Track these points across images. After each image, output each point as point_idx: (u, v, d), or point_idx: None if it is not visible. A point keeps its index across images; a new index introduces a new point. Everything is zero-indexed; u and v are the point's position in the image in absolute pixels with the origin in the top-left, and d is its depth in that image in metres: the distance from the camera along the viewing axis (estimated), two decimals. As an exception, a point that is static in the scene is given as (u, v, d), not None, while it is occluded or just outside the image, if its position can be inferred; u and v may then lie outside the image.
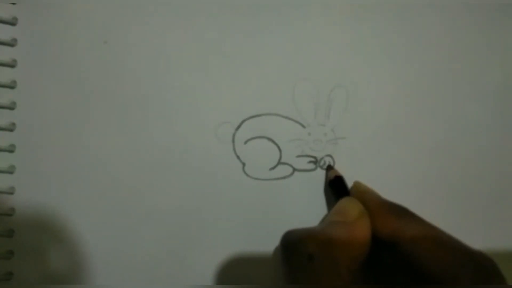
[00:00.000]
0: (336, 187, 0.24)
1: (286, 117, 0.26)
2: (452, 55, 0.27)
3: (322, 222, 0.24)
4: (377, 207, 0.20)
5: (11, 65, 0.24)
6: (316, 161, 0.26)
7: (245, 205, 0.26)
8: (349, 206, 0.21)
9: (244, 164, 0.26)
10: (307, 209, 0.26)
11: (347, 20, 0.26)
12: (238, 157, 0.25)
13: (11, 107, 0.24)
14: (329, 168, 0.26)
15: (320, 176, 0.26)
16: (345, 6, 0.26)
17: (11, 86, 0.24)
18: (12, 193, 0.24)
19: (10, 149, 0.24)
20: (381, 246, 0.20)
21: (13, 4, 0.24)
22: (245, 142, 0.25)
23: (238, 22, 0.25)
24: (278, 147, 0.26)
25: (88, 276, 0.25)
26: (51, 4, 0.24)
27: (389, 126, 0.27)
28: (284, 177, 0.26)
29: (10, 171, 0.24)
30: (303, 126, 0.26)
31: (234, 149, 0.25)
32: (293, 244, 0.18)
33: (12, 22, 0.24)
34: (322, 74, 0.26)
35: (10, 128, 0.24)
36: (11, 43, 0.24)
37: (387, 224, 0.19)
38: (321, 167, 0.26)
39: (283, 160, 0.26)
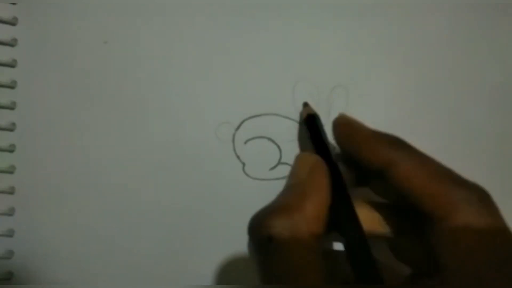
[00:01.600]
0: (309, 129, 0.22)
1: (286, 117, 0.26)
2: (452, 55, 0.27)
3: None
4: (365, 137, 0.19)
5: (11, 65, 0.24)
6: (316, 161, 0.26)
7: (245, 205, 0.25)
8: (299, 165, 0.19)
9: (244, 164, 0.26)
10: (307, 209, 0.26)
11: (347, 20, 0.26)
12: (238, 157, 0.25)
13: (11, 107, 0.24)
14: (305, 105, 0.24)
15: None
16: (345, 6, 0.26)
17: (11, 86, 0.24)
18: (12, 193, 0.24)
19: (10, 149, 0.24)
20: (371, 176, 0.19)
21: (13, 4, 0.24)
22: (245, 142, 0.25)
23: (238, 22, 0.25)
24: (278, 147, 0.26)
25: (88, 276, 0.25)
26: (51, 4, 0.24)
27: (389, 126, 0.26)
28: (284, 177, 0.26)
29: (10, 171, 0.24)
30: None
31: (234, 149, 0.25)
32: (254, 232, 0.17)
33: (12, 22, 0.24)
34: (322, 74, 0.26)
35: (10, 128, 0.24)
36: (11, 43, 0.24)
37: (378, 154, 0.18)
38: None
39: (283, 160, 0.26)
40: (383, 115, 0.26)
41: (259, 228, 0.17)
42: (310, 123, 0.23)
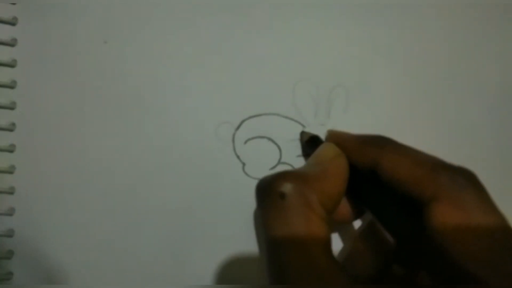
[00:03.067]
0: (314, 147, 0.24)
1: (286, 117, 0.26)
2: (452, 55, 0.27)
3: None
4: (353, 143, 0.20)
5: (11, 65, 0.24)
6: (316, 161, 0.26)
7: (245, 205, 0.26)
8: (324, 149, 0.21)
9: (244, 164, 0.26)
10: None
11: (347, 20, 0.26)
12: (238, 157, 0.25)
13: (11, 107, 0.24)
14: (303, 133, 0.25)
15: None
16: (345, 6, 0.26)
17: (11, 86, 0.24)
18: (12, 193, 0.24)
19: (10, 149, 0.24)
20: (363, 179, 0.19)
21: (13, 4, 0.24)
22: (245, 142, 0.25)
23: (238, 22, 0.25)
24: (278, 147, 0.26)
25: (88, 276, 0.25)
26: (51, 4, 0.24)
27: (389, 126, 0.26)
28: (284, 177, 0.26)
29: (10, 171, 0.24)
30: (303, 126, 0.26)
31: (234, 149, 0.25)
32: (266, 185, 0.17)
33: (12, 22, 0.24)
34: (322, 74, 0.26)
35: (10, 128, 0.24)
36: (11, 43, 0.24)
37: (366, 154, 0.19)
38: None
39: (283, 160, 0.26)
40: (383, 115, 0.26)
41: (274, 184, 0.17)
42: (314, 141, 0.24)
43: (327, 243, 0.16)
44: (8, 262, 0.25)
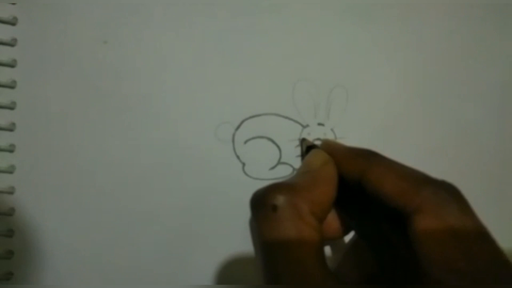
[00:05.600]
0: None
1: (286, 117, 0.26)
2: (452, 55, 0.27)
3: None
4: (343, 154, 0.21)
5: (11, 65, 0.24)
6: (316, 161, 0.26)
7: (245, 205, 0.25)
8: (313, 157, 0.21)
9: (244, 164, 0.26)
10: (307, 209, 0.26)
11: (347, 20, 0.26)
12: (238, 157, 0.25)
13: (11, 107, 0.24)
14: (304, 140, 0.26)
15: (320, 176, 0.26)
16: (345, 6, 0.26)
17: (11, 86, 0.24)
18: (12, 193, 0.24)
19: (10, 149, 0.24)
20: (352, 191, 0.20)
21: (13, 4, 0.24)
22: (245, 142, 0.26)
23: (238, 22, 0.25)
24: (278, 147, 0.26)
25: (88, 276, 0.25)
26: (51, 4, 0.24)
27: (389, 126, 0.27)
28: (284, 177, 0.26)
29: (10, 171, 0.24)
30: (303, 126, 0.26)
31: (234, 149, 0.25)
32: (259, 198, 0.18)
33: (12, 22, 0.24)
34: (322, 74, 0.26)
35: (10, 128, 0.24)
36: (11, 43, 0.24)
37: (353, 166, 0.20)
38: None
39: (283, 160, 0.26)
40: (382, 115, 0.26)
41: (266, 197, 0.18)
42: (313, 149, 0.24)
43: (319, 251, 0.17)
44: (8, 262, 0.25)
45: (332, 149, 0.22)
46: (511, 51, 0.27)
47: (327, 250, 0.26)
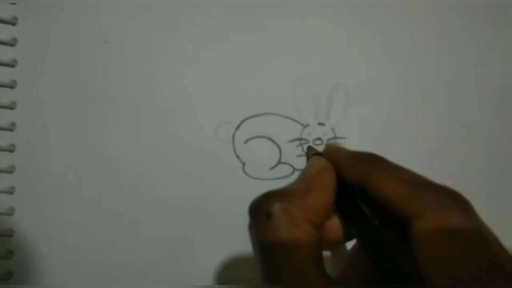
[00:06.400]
0: None
1: (286, 117, 0.26)
2: (452, 55, 0.27)
3: None
4: (346, 159, 0.21)
5: (11, 65, 0.24)
6: (316, 161, 0.26)
7: (245, 205, 0.25)
8: (311, 164, 0.22)
9: (244, 164, 0.26)
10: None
11: (347, 20, 0.26)
12: (238, 157, 0.25)
13: (11, 107, 0.24)
14: (309, 148, 0.26)
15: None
16: (345, 6, 0.26)
17: (11, 86, 0.24)
18: (12, 193, 0.24)
19: (10, 149, 0.24)
20: (354, 195, 0.20)
21: (13, 4, 0.24)
22: (245, 142, 0.25)
23: (238, 22, 0.25)
24: (278, 146, 0.26)
25: (88, 276, 0.25)
26: (51, 4, 0.24)
27: (389, 126, 0.27)
28: (284, 177, 0.26)
29: (10, 171, 0.24)
30: (303, 126, 0.26)
31: (234, 149, 0.25)
32: (255, 206, 0.18)
33: (12, 22, 0.24)
34: (322, 74, 0.26)
35: (10, 128, 0.24)
36: (11, 43, 0.24)
37: (356, 170, 0.20)
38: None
39: (283, 159, 0.26)
40: (383, 115, 0.26)
41: (261, 205, 0.18)
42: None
43: (315, 255, 0.17)
44: (8, 262, 0.25)
45: (335, 154, 0.22)
46: (511, 51, 0.27)
47: (332, 257, 0.26)
